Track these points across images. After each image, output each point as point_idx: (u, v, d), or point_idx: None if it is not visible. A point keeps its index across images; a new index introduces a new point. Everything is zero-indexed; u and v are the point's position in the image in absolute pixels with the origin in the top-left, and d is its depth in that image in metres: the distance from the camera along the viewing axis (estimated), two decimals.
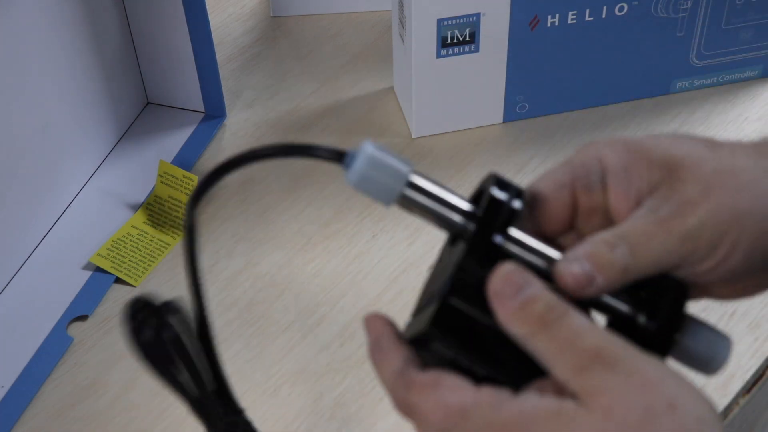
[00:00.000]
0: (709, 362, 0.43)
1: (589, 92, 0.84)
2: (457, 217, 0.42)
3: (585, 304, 0.42)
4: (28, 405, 0.66)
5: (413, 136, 0.83)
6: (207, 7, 0.78)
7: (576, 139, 0.82)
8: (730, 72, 0.85)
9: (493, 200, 0.42)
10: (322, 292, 0.72)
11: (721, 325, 0.68)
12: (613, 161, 0.43)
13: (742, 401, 0.65)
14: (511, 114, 0.83)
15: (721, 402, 0.63)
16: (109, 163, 0.81)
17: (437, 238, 0.75)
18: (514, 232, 0.42)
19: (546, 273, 0.42)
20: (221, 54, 0.90)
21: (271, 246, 0.75)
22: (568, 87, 0.83)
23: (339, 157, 0.44)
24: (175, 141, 0.83)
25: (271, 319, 0.70)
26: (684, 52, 0.82)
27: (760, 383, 0.66)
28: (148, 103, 0.86)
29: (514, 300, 0.39)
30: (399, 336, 0.42)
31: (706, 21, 0.80)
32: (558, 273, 0.41)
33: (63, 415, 0.65)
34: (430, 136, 0.83)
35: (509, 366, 0.41)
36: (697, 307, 0.69)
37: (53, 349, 0.68)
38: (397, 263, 0.73)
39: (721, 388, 0.64)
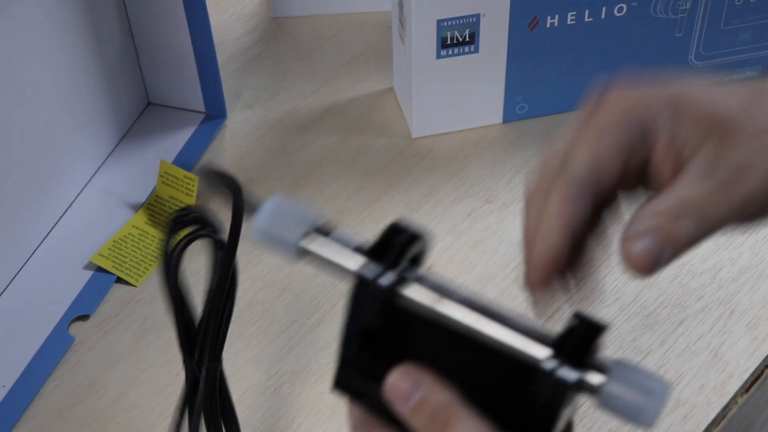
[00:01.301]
0: (639, 410, 0.38)
1: (588, 92, 0.84)
2: (349, 265, 0.41)
3: (493, 344, 0.40)
4: (29, 404, 0.66)
5: (413, 137, 0.83)
6: (207, 7, 0.78)
7: None
8: (729, 72, 0.85)
9: (380, 244, 0.40)
10: (322, 292, 0.72)
11: (719, 325, 0.68)
12: (658, 119, 0.40)
13: (740, 401, 0.65)
14: (510, 114, 0.84)
15: (720, 402, 0.64)
16: (110, 163, 0.81)
17: (437, 237, 0.75)
18: (406, 272, 0.41)
19: (431, 317, 0.41)
20: (222, 54, 0.90)
21: None
22: (568, 87, 0.83)
23: (250, 210, 0.44)
24: (175, 141, 0.83)
25: (271, 318, 0.70)
26: (683, 52, 0.83)
27: (758, 383, 0.66)
28: (148, 103, 0.86)
29: (405, 406, 0.39)
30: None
31: (705, 21, 0.80)
32: (624, 252, 0.39)
33: (64, 415, 0.66)
34: (429, 136, 0.83)
35: None
36: (697, 306, 0.69)
37: (54, 349, 0.68)
38: None
39: (719, 387, 0.64)
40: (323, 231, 0.42)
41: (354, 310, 0.41)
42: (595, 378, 0.38)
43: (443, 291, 0.41)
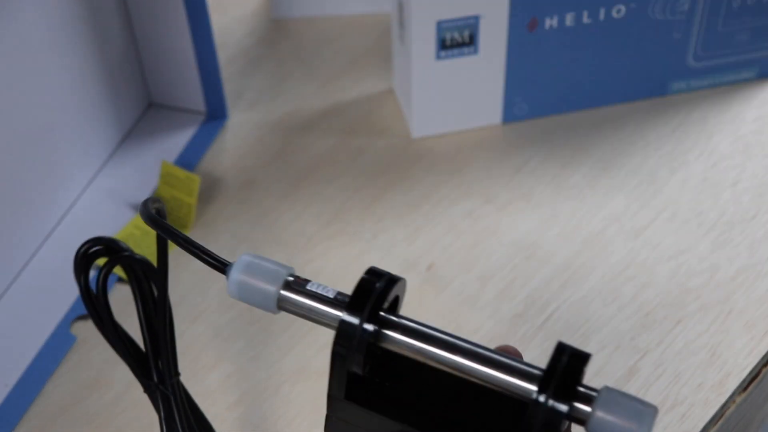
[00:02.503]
0: None
1: (586, 93, 0.84)
2: (336, 311, 0.42)
3: (481, 381, 0.41)
4: (32, 403, 0.66)
5: (413, 137, 0.83)
6: (209, 9, 0.78)
7: (574, 139, 0.83)
8: (727, 74, 0.85)
9: (359, 291, 0.41)
10: None
11: (717, 325, 0.68)
12: None
13: (738, 399, 0.65)
14: (509, 115, 0.84)
15: (718, 400, 0.64)
16: (112, 163, 0.82)
17: (437, 237, 0.75)
18: (386, 316, 0.42)
19: (419, 353, 0.41)
20: (223, 56, 0.90)
21: (272, 246, 0.75)
22: (567, 88, 0.83)
23: (221, 267, 0.44)
24: (177, 142, 0.83)
25: (272, 318, 0.71)
26: (681, 54, 0.83)
27: (756, 382, 0.66)
28: (150, 104, 0.87)
29: None
30: None
31: (703, 23, 0.81)
32: None
33: (66, 413, 0.66)
34: (429, 136, 0.84)
35: None
36: (695, 305, 0.69)
37: (57, 348, 0.69)
38: (397, 263, 0.74)
39: (717, 386, 0.65)
40: (300, 281, 0.43)
41: (339, 355, 0.41)
42: (584, 407, 0.39)
43: (425, 333, 0.42)
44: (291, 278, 0.43)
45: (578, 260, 0.73)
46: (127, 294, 0.72)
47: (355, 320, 0.41)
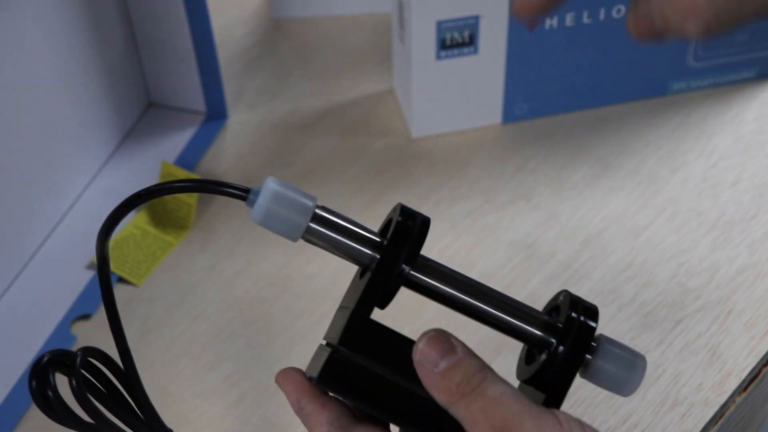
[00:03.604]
0: (622, 382, 0.44)
1: (586, 93, 0.84)
2: (363, 249, 0.43)
3: (506, 330, 0.44)
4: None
5: (413, 137, 0.84)
6: (209, 8, 0.78)
7: (574, 139, 0.83)
8: (727, 74, 0.85)
9: (399, 228, 0.42)
10: (322, 292, 0.72)
11: (717, 324, 0.68)
12: None
13: (738, 399, 0.65)
14: (509, 115, 0.84)
15: (718, 400, 0.64)
16: (112, 163, 0.82)
17: (437, 237, 0.75)
18: (423, 259, 0.43)
19: (450, 298, 0.44)
20: (223, 55, 0.90)
21: (272, 246, 0.75)
22: (567, 88, 0.83)
23: (243, 193, 0.43)
24: (177, 142, 0.83)
25: (272, 318, 0.71)
26: (681, 54, 0.83)
27: (756, 382, 0.66)
28: (150, 104, 0.87)
29: (435, 369, 0.40)
30: (318, 394, 0.44)
31: None
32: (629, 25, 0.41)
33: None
34: (429, 136, 0.84)
35: (411, 415, 0.42)
36: (695, 305, 0.69)
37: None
38: None
39: (717, 386, 0.65)
40: (327, 212, 0.43)
41: (367, 292, 0.42)
42: (588, 356, 0.44)
43: (454, 279, 0.44)
44: (319, 210, 0.43)
45: (578, 260, 0.73)
46: (128, 294, 0.73)
47: (393, 263, 0.42)
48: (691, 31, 0.40)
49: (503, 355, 0.66)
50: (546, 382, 0.43)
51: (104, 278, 0.46)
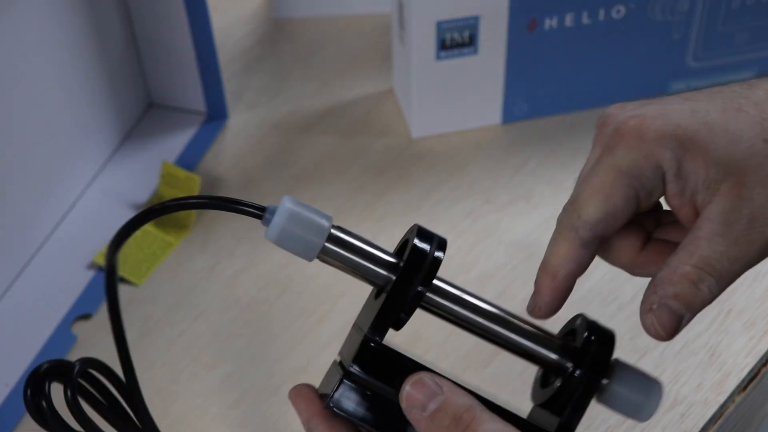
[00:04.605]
0: (639, 408, 0.43)
1: (586, 94, 0.84)
2: (380, 270, 0.42)
3: (522, 353, 0.44)
4: None
5: (413, 137, 0.84)
6: (209, 9, 0.79)
7: (574, 139, 0.83)
8: (726, 74, 0.85)
9: (416, 250, 0.42)
10: (322, 291, 0.72)
11: (717, 324, 0.68)
12: (669, 161, 0.41)
13: (737, 399, 0.65)
14: (509, 115, 0.84)
15: (717, 400, 0.64)
16: (112, 163, 0.82)
17: None
18: (438, 282, 0.43)
19: (467, 321, 0.43)
20: (223, 55, 0.90)
21: (272, 246, 0.75)
22: (566, 88, 0.83)
23: (259, 212, 0.43)
24: (177, 142, 0.83)
25: (272, 318, 0.71)
26: (680, 54, 0.83)
27: (755, 381, 0.66)
28: (150, 104, 0.87)
29: (424, 413, 0.40)
30: (328, 415, 0.43)
31: (703, 24, 0.81)
32: (646, 324, 0.41)
33: (66, 414, 0.66)
34: (429, 137, 0.84)
35: None
36: None
37: (57, 348, 0.69)
38: None
39: (716, 386, 0.65)
40: (343, 232, 0.43)
41: (381, 316, 0.42)
42: (603, 380, 0.44)
43: (471, 304, 0.44)
44: (334, 231, 0.42)
45: None
46: (128, 294, 0.73)
47: (409, 285, 0.41)
48: (707, 294, 0.40)
49: (500, 358, 0.66)
50: (561, 406, 0.43)
51: (111, 288, 0.46)
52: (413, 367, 0.42)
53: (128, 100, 0.84)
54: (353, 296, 0.72)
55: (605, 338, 0.44)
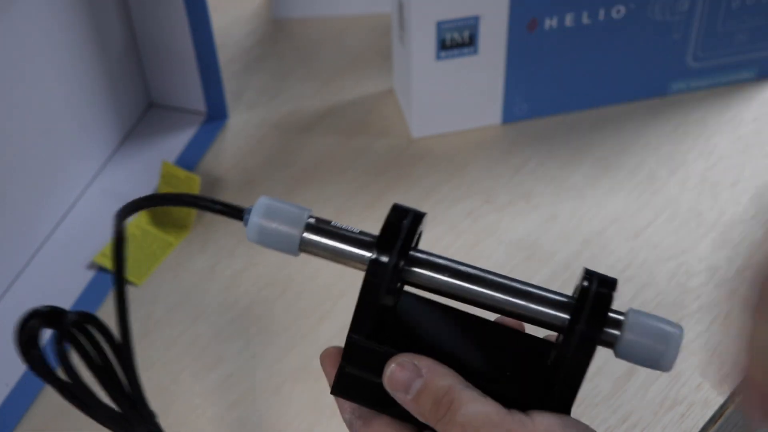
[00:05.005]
0: (657, 356, 0.41)
1: (586, 94, 0.84)
2: (362, 252, 0.42)
3: (517, 314, 0.42)
4: (32, 403, 0.66)
5: (413, 137, 0.84)
6: (209, 9, 0.79)
7: (574, 139, 0.83)
8: (726, 74, 0.85)
9: (388, 224, 0.41)
10: (322, 291, 0.72)
11: (717, 324, 0.68)
12: None
13: (737, 399, 0.65)
14: (509, 115, 0.84)
15: (717, 400, 0.64)
16: (113, 163, 0.82)
17: (437, 237, 0.75)
18: (421, 254, 0.42)
19: (452, 288, 0.42)
20: (223, 56, 0.90)
21: None
22: (566, 88, 0.83)
23: (237, 213, 0.43)
24: (177, 142, 0.83)
25: (272, 317, 0.71)
26: (680, 54, 0.83)
27: None
28: (150, 104, 0.87)
29: (408, 395, 0.40)
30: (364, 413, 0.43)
31: (703, 24, 0.81)
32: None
33: (66, 413, 0.66)
34: (429, 136, 0.84)
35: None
36: (695, 305, 0.69)
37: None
38: None
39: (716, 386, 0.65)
40: (321, 221, 0.43)
41: (366, 295, 0.41)
42: (613, 331, 0.41)
43: (455, 269, 0.43)
44: (312, 219, 0.43)
45: (578, 260, 0.73)
46: (128, 294, 0.73)
47: (386, 259, 0.41)
48: None
49: None
50: (566, 362, 0.40)
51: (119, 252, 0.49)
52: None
53: (128, 100, 0.84)
54: (353, 296, 0.71)
55: (604, 283, 0.42)
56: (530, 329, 0.45)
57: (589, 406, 0.64)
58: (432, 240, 0.75)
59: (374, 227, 0.45)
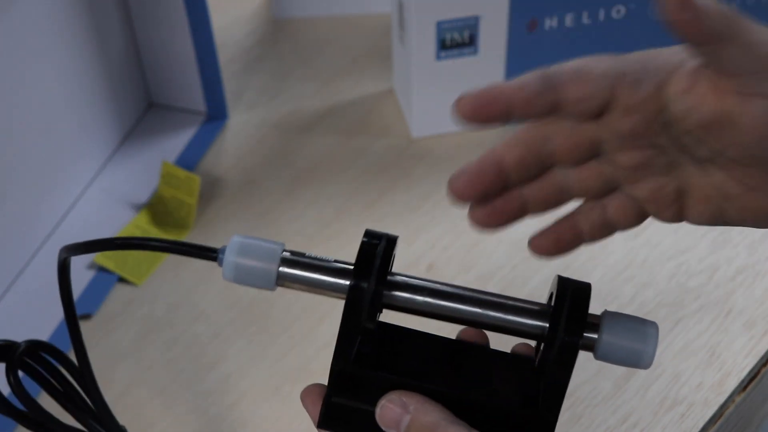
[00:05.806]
0: (636, 355, 0.42)
1: None
2: (338, 280, 0.42)
3: (497, 327, 0.43)
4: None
5: (413, 137, 0.84)
6: (209, 9, 0.79)
7: None
8: None
9: (363, 251, 0.42)
10: None
11: (716, 324, 0.68)
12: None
13: (737, 399, 0.65)
14: None
15: (717, 400, 0.64)
16: (113, 163, 0.82)
17: (437, 237, 0.75)
18: (399, 277, 0.43)
19: (429, 307, 0.43)
20: (223, 56, 0.90)
21: None
22: None
23: (211, 254, 0.44)
24: (177, 142, 0.83)
25: (272, 318, 0.71)
26: None
27: (755, 381, 0.66)
28: (151, 104, 0.87)
29: (398, 430, 0.41)
30: None
31: None
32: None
33: (66, 413, 0.66)
34: (429, 136, 0.84)
35: None
36: (694, 305, 0.69)
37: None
38: (397, 263, 0.74)
39: (716, 386, 0.65)
40: (296, 255, 0.43)
41: (348, 321, 0.42)
42: (591, 335, 0.42)
43: (432, 288, 0.43)
44: (287, 253, 0.43)
45: (578, 260, 0.73)
46: (128, 294, 0.73)
47: (366, 284, 0.41)
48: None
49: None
50: (549, 370, 0.41)
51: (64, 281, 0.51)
52: (385, 385, 0.42)
53: (128, 100, 0.84)
54: None
55: (579, 290, 0.42)
56: (511, 341, 0.45)
57: (589, 407, 0.64)
58: (432, 240, 0.75)
59: (374, 227, 0.45)
